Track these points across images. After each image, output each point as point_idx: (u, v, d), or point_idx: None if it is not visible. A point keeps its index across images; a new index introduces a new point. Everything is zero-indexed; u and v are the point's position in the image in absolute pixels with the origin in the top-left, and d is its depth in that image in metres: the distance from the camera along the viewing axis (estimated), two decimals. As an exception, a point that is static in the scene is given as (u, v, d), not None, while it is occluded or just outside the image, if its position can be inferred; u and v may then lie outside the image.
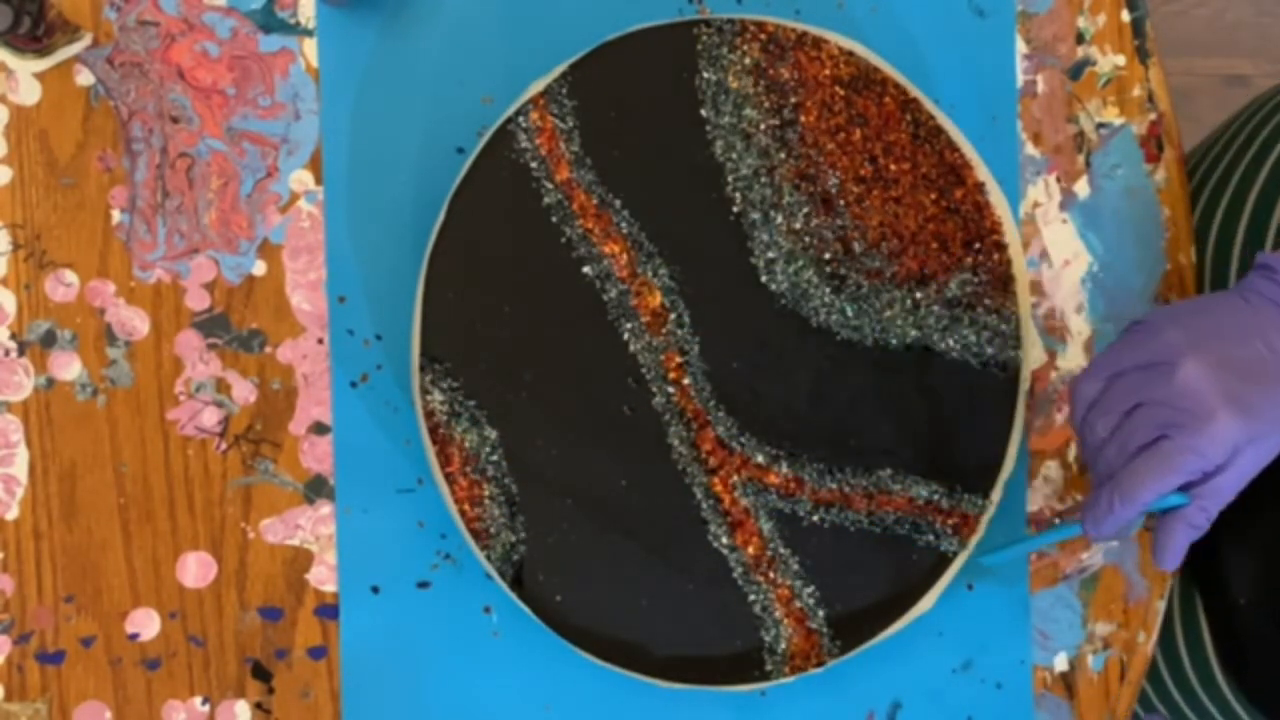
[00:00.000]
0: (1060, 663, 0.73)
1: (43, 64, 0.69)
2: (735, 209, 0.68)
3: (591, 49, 0.67)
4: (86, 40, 0.69)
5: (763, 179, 0.68)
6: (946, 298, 0.69)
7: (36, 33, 0.67)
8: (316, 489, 0.70)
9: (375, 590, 0.70)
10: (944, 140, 0.69)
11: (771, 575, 0.68)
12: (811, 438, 0.68)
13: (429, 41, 0.71)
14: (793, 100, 0.68)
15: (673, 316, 0.68)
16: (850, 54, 0.68)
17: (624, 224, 0.68)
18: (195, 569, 0.70)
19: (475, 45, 0.71)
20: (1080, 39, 0.73)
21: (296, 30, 0.70)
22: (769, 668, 0.68)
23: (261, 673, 0.70)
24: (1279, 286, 0.60)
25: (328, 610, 0.70)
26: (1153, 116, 0.74)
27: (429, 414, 0.67)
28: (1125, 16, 0.73)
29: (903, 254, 0.69)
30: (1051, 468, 0.73)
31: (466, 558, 0.70)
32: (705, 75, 0.68)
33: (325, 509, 0.70)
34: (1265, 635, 0.72)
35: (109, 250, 0.69)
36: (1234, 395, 0.57)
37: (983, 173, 0.69)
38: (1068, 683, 0.73)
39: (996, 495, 0.69)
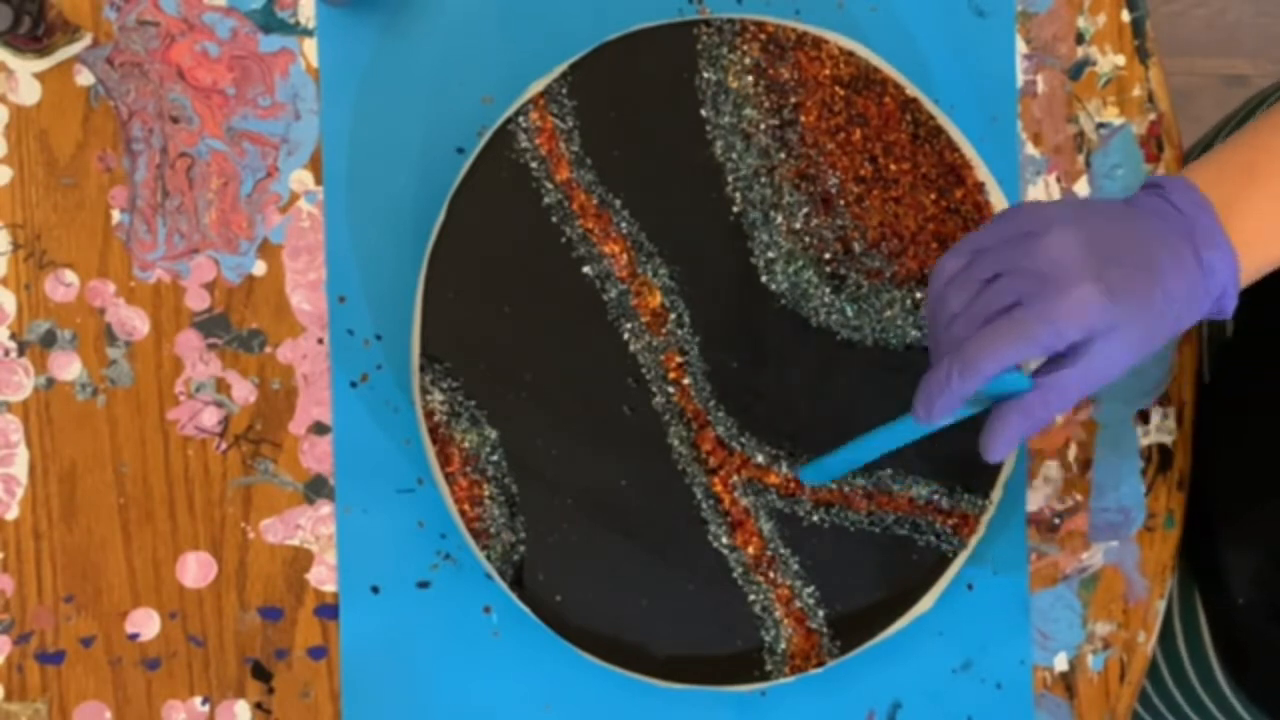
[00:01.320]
0: (1060, 663, 0.73)
1: (43, 64, 0.69)
2: (735, 209, 0.68)
3: (591, 49, 0.67)
4: (86, 40, 0.69)
5: (763, 179, 0.68)
6: (946, 298, 0.69)
7: (36, 33, 0.67)
8: (316, 489, 0.70)
9: (375, 590, 0.70)
10: (944, 140, 0.69)
11: (771, 575, 0.68)
12: (811, 438, 0.68)
13: (429, 41, 0.71)
14: (793, 100, 0.68)
15: (673, 316, 0.68)
16: (850, 54, 0.68)
17: (624, 224, 0.68)
18: (195, 569, 0.70)
19: (475, 45, 0.71)
20: (1080, 39, 0.73)
21: (296, 30, 0.70)
22: (769, 668, 0.68)
23: (261, 673, 0.70)
24: (1164, 201, 0.57)
25: (328, 610, 0.70)
26: (1153, 116, 0.74)
27: (429, 414, 0.67)
28: (1125, 16, 0.73)
29: (903, 254, 0.69)
30: (1051, 468, 0.73)
31: (466, 558, 0.70)
32: (705, 75, 0.68)
33: (325, 509, 0.70)
34: (1264, 635, 0.72)
35: (109, 250, 0.69)
36: (1100, 271, 0.53)
37: (983, 173, 0.69)
38: (1068, 683, 0.73)
39: (996, 495, 0.69)
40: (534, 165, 0.67)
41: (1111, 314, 0.53)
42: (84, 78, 0.69)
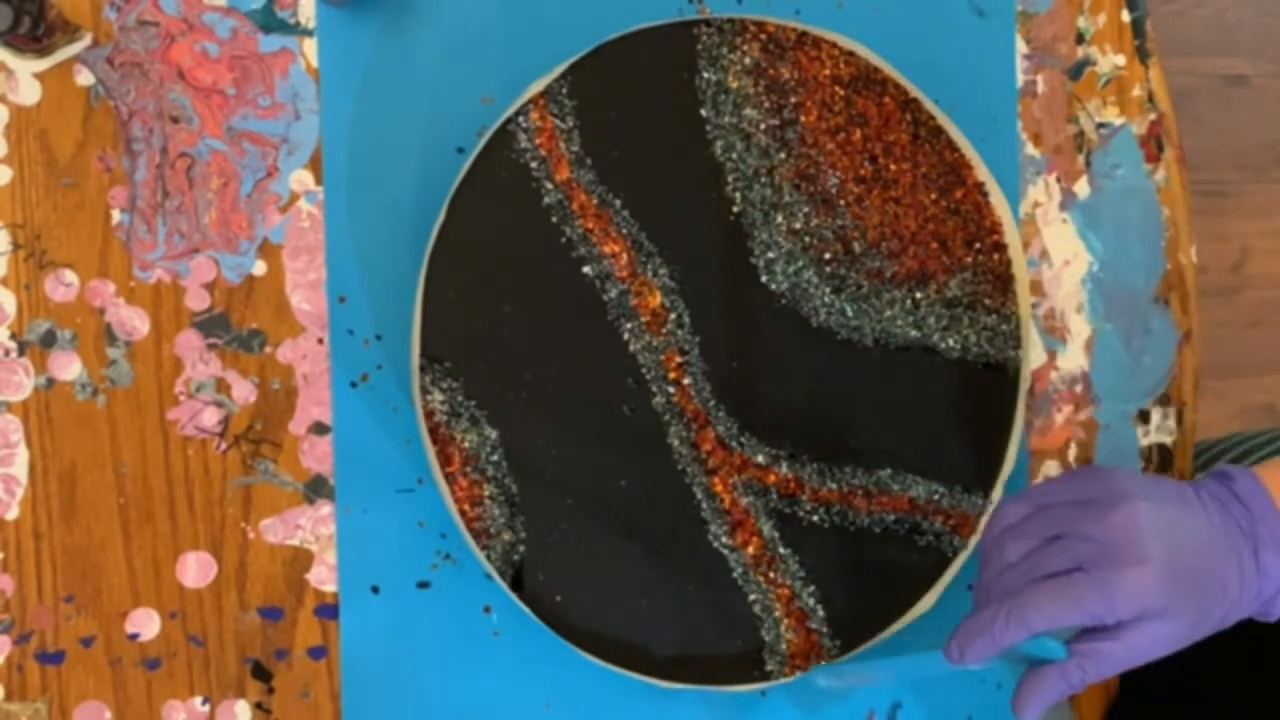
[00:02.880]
0: (1060, 663, 0.73)
1: (43, 64, 0.69)
2: (735, 209, 0.68)
3: (591, 49, 0.67)
4: (86, 40, 0.69)
5: (763, 179, 0.68)
6: (946, 298, 0.69)
7: (36, 33, 0.67)
8: (316, 489, 0.70)
9: (375, 590, 0.70)
10: (944, 140, 0.69)
11: (771, 575, 0.68)
12: (811, 438, 0.68)
13: (429, 41, 0.71)
14: (793, 100, 0.68)
15: (673, 316, 0.68)
16: (850, 54, 0.68)
17: (624, 224, 0.68)
18: (195, 569, 0.70)
19: (475, 45, 0.71)
20: (1080, 39, 0.73)
21: (296, 30, 0.70)
22: (769, 668, 0.68)
23: (261, 673, 0.70)
24: (1230, 494, 0.57)
25: (328, 610, 0.70)
26: (1153, 116, 0.74)
27: (429, 414, 0.67)
28: (1125, 16, 0.73)
29: (903, 254, 0.69)
30: (1051, 468, 0.73)
31: (466, 558, 0.70)
32: (705, 75, 0.68)
33: (325, 509, 0.70)
34: None
35: (109, 250, 0.69)
36: (1164, 556, 0.54)
37: (983, 173, 0.69)
38: (1068, 683, 0.73)
39: (996, 495, 0.69)
40: (534, 165, 0.67)
41: (1166, 599, 0.54)
42: (84, 78, 0.69)
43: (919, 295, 0.69)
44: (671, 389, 0.68)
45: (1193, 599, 0.54)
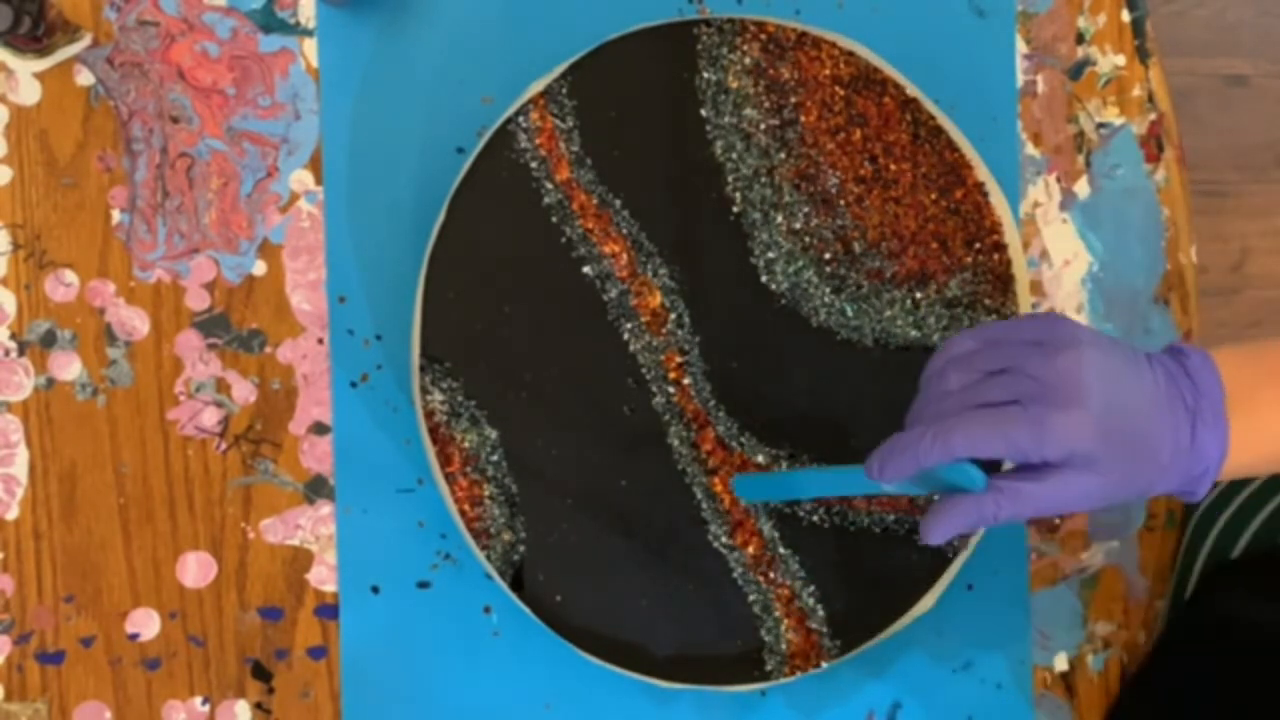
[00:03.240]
0: (1060, 663, 0.73)
1: (43, 64, 0.69)
2: (735, 209, 0.68)
3: (591, 49, 0.67)
4: (86, 40, 0.69)
5: (763, 179, 0.68)
6: (946, 298, 0.69)
7: (36, 33, 0.67)
8: (316, 489, 0.70)
9: (375, 590, 0.70)
10: (944, 140, 0.69)
11: (771, 575, 0.68)
12: (811, 438, 0.68)
13: (429, 41, 0.71)
14: (793, 100, 0.68)
15: (673, 316, 0.68)
16: (850, 54, 0.68)
17: (624, 224, 0.68)
18: (195, 569, 0.70)
19: (475, 45, 0.71)
20: (1080, 39, 0.73)
21: (296, 30, 0.70)
22: (769, 668, 0.68)
23: (261, 673, 0.70)
24: (1181, 368, 0.57)
25: (328, 610, 0.70)
26: (1153, 116, 0.74)
27: (429, 414, 0.67)
28: (1125, 16, 0.73)
29: (903, 254, 0.69)
30: (1051, 468, 0.73)
31: (466, 558, 0.70)
32: (705, 75, 0.68)
33: (325, 509, 0.70)
34: None
35: (109, 250, 0.69)
36: (1106, 405, 0.53)
37: (983, 173, 0.69)
38: (1068, 683, 0.73)
39: (996, 495, 0.69)
40: (534, 165, 0.67)
41: (1096, 450, 0.53)
42: (84, 78, 0.69)
43: (919, 295, 0.69)
44: (671, 389, 0.68)
45: (1124, 457, 0.54)
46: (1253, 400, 0.56)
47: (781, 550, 0.68)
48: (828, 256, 0.68)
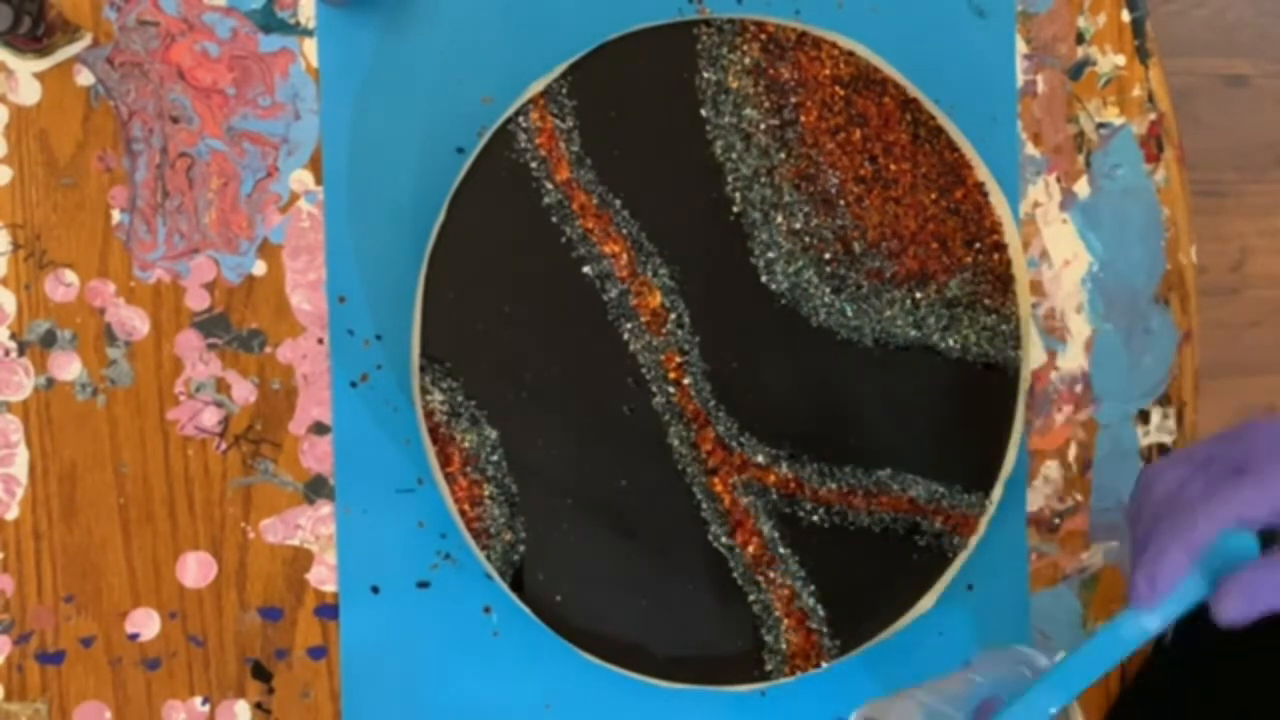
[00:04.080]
0: (1060, 663, 0.73)
1: (43, 64, 0.69)
2: (735, 209, 0.68)
3: (591, 49, 0.67)
4: (86, 40, 0.69)
5: (763, 179, 0.68)
6: (946, 298, 0.69)
7: (36, 33, 0.67)
8: (316, 489, 0.70)
9: (375, 590, 0.70)
10: (944, 140, 0.69)
11: (771, 575, 0.68)
12: (811, 438, 0.68)
13: (429, 41, 0.71)
14: (793, 100, 0.68)
15: (673, 316, 0.68)
16: (850, 54, 0.68)
17: (624, 224, 0.68)
18: (195, 569, 0.70)
19: (475, 45, 0.71)
20: (1080, 39, 0.73)
21: (296, 30, 0.70)
22: (769, 668, 0.68)
23: (261, 673, 0.70)
24: None
25: (328, 610, 0.70)
26: (1153, 116, 0.74)
27: (429, 414, 0.67)
28: (1125, 16, 0.73)
29: (903, 254, 0.69)
30: (1051, 468, 0.73)
31: (466, 558, 0.70)
32: (705, 75, 0.68)
33: (325, 509, 0.70)
34: None
35: (109, 250, 0.69)
36: None
37: (983, 173, 0.69)
38: (1068, 683, 0.73)
39: (996, 495, 0.69)
40: (534, 165, 0.67)
41: None
42: (84, 78, 0.69)
43: (919, 295, 0.69)
44: (671, 389, 0.68)
45: None
46: None
47: (781, 550, 0.68)
48: (828, 256, 0.68)
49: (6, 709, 0.69)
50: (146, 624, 0.70)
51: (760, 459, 0.68)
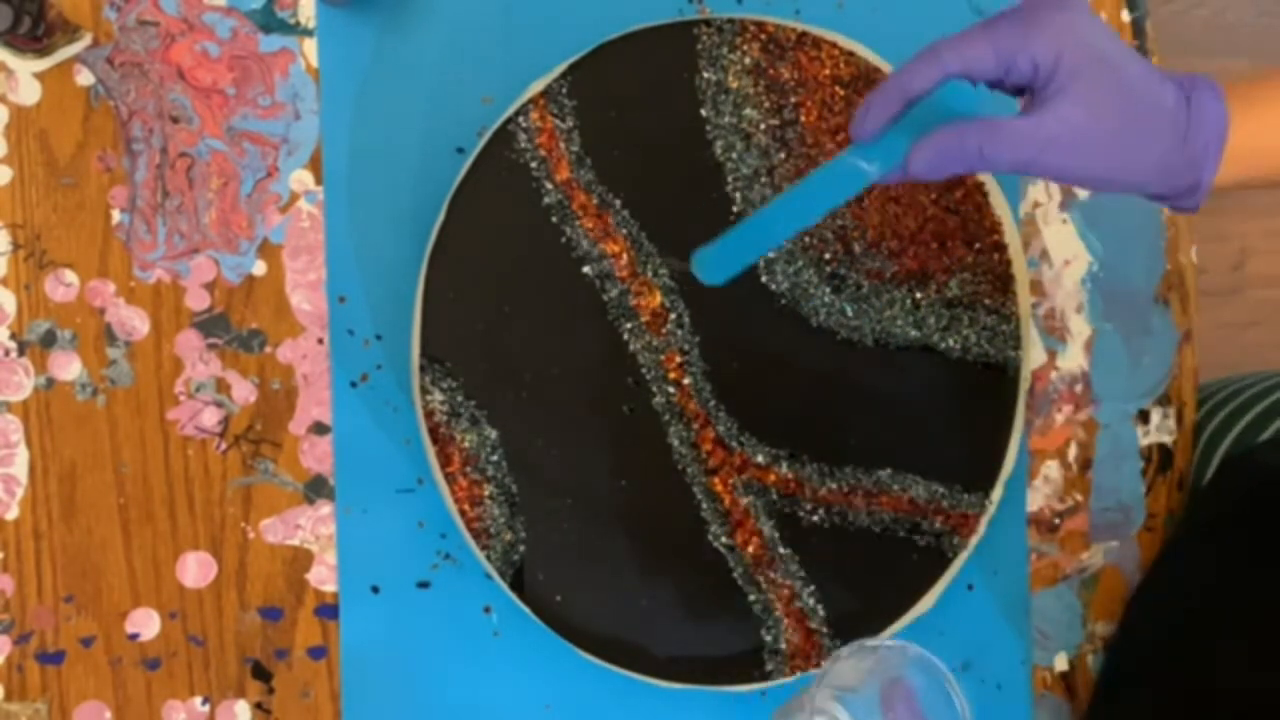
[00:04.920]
0: (1060, 663, 0.73)
1: (43, 64, 0.69)
2: (735, 209, 0.68)
3: (591, 49, 0.67)
4: (86, 40, 0.69)
5: (763, 179, 0.68)
6: (946, 297, 0.69)
7: (36, 33, 0.67)
8: (316, 489, 0.70)
9: (375, 590, 0.70)
10: (944, 140, 0.69)
11: (771, 575, 0.68)
12: (811, 438, 0.68)
13: (429, 41, 0.71)
14: (793, 100, 0.68)
15: (673, 316, 0.68)
16: (850, 54, 0.68)
17: (624, 224, 0.68)
18: (195, 569, 0.70)
19: (475, 45, 0.71)
20: (1080, 39, 0.73)
21: (296, 30, 0.70)
22: (769, 668, 0.68)
23: (261, 673, 0.70)
24: (1180, 76, 0.53)
25: (328, 610, 0.70)
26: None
27: (429, 414, 0.67)
28: (1125, 16, 0.73)
29: (903, 254, 0.69)
30: (1051, 468, 0.73)
31: (466, 558, 0.70)
32: (705, 75, 0.68)
33: (325, 509, 0.70)
34: None
35: (109, 250, 0.69)
36: (1096, 25, 0.50)
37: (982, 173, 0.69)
38: (1068, 683, 0.73)
39: (996, 495, 0.69)
40: (534, 165, 0.67)
41: (1084, 65, 0.50)
42: (84, 78, 0.69)
43: (919, 295, 0.69)
44: (671, 389, 0.68)
45: (1109, 82, 0.51)
46: (1251, 94, 0.54)
47: (781, 550, 0.68)
48: (828, 256, 0.68)
49: (6, 709, 0.69)
50: (146, 624, 0.70)
51: (760, 459, 0.68)
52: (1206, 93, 0.53)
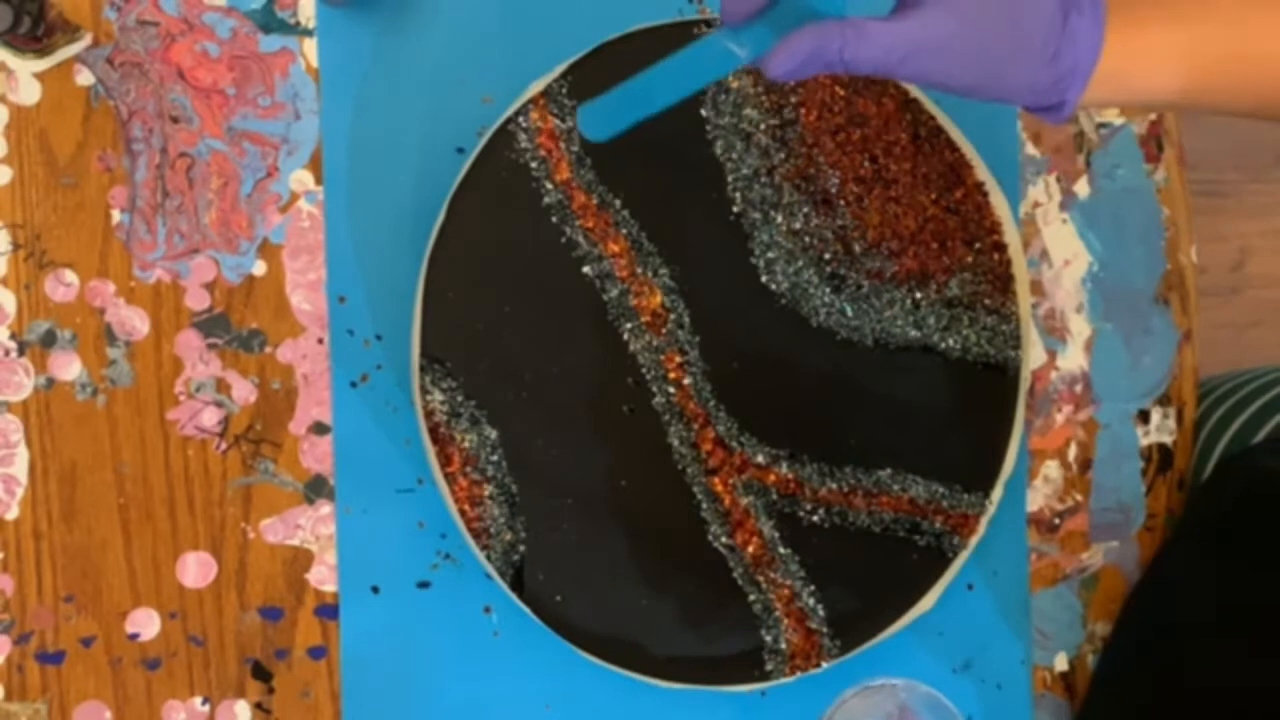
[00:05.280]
0: (1060, 663, 0.73)
1: (43, 64, 0.69)
2: (735, 209, 0.68)
3: (591, 49, 0.67)
4: (86, 40, 0.69)
5: (763, 179, 0.68)
6: (946, 297, 0.69)
7: (36, 33, 0.67)
8: (316, 489, 0.70)
9: (375, 590, 0.70)
10: (944, 140, 0.69)
11: (771, 575, 0.68)
12: (811, 438, 0.68)
13: (429, 41, 0.71)
14: (793, 100, 0.68)
15: (673, 316, 0.68)
16: (850, 54, 0.68)
17: (624, 224, 0.68)
18: (195, 569, 0.70)
19: (475, 45, 0.71)
20: (1080, 39, 0.73)
21: (296, 30, 0.70)
22: (769, 668, 0.68)
23: (261, 673, 0.70)
24: None
25: (328, 610, 0.70)
26: (1153, 116, 0.74)
27: (429, 414, 0.67)
28: (1125, 16, 0.73)
29: (903, 254, 0.69)
30: (1051, 468, 0.73)
31: (466, 558, 0.70)
32: (705, 75, 0.68)
33: (325, 509, 0.70)
34: None
35: (109, 250, 0.69)
36: None
37: (983, 173, 0.69)
38: (1068, 683, 0.73)
39: (996, 495, 0.69)
40: (534, 165, 0.67)
41: None
42: (84, 78, 0.69)
43: (919, 295, 0.69)
44: (671, 389, 0.68)
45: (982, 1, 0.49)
46: (1138, 7, 0.52)
47: (781, 550, 0.68)
48: (828, 256, 0.68)
49: (6, 709, 0.69)
50: (146, 624, 0.70)
51: (760, 459, 0.68)
52: (1087, 13, 0.51)
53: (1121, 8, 0.52)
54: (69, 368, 0.69)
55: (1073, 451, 0.73)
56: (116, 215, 0.70)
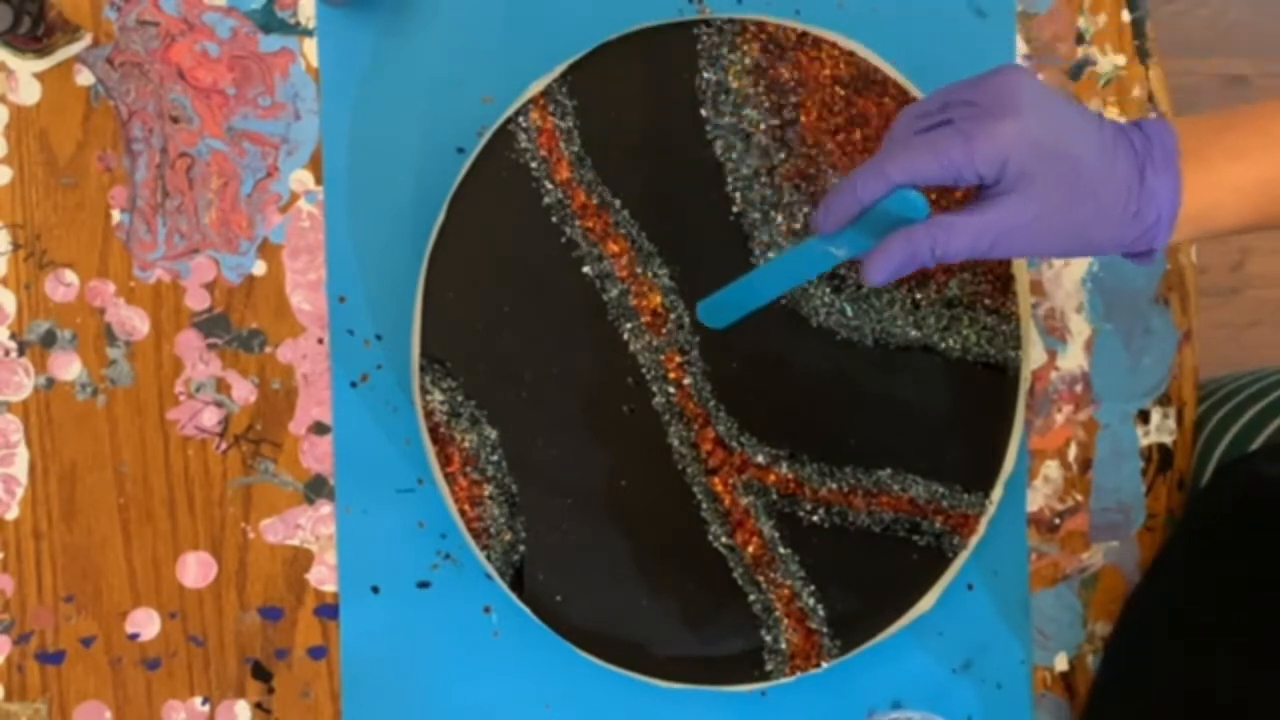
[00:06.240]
0: (1060, 663, 0.73)
1: (43, 64, 0.69)
2: (735, 209, 0.68)
3: (591, 49, 0.67)
4: (86, 40, 0.69)
5: (763, 179, 0.68)
6: (946, 297, 0.69)
7: (36, 33, 0.67)
8: (316, 489, 0.70)
9: (375, 590, 0.70)
10: (944, 140, 0.69)
11: (771, 575, 0.68)
12: (811, 438, 0.68)
13: (429, 41, 0.71)
14: (793, 100, 0.68)
15: (673, 316, 0.68)
16: (850, 54, 0.68)
17: (624, 224, 0.68)
18: (195, 569, 0.70)
19: (475, 45, 0.71)
20: (1080, 39, 0.73)
21: (296, 30, 0.70)
22: (769, 668, 0.68)
23: (261, 673, 0.70)
24: (1136, 129, 0.55)
25: (328, 610, 0.70)
26: (1153, 117, 0.74)
27: (429, 414, 0.67)
28: (1125, 16, 0.73)
29: (903, 254, 0.69)
30: (1051, 468, 0.73)
31: (466, 558, 0.70)
32: (705, 75, 0.68)
33: (325, 509, 0.70)
34: None
35: (109, 250, 0.69)
36: (1040, 120, 0.51)
37: (983, 173, 0.69)
38: (1068, 683, 0.73)
39: (996, 495, 0.69)
40: (534, 165, 0.67)
41: (1029, 163, 0.51)
42: (84, 78, 0.69)
43: (919, 295, 0.69)
44: (671, 389, 0.68)
45: (1060, 181, 0.52)
46: (1207, 150, 0.54)
47: (781, 550, 0.68)
48: (828, 256, 0.68)
49: (6, 709, 0.69)
50: (146, 624, 0.70)
51: (760, 459, 0.68)
52: (1160, 168, 0.53)
53: (1190, 154, 0.54)
54: (69, 368, 0.69)
55: (1073, 451, 0.73)
56: (116, 215, 0.70)
